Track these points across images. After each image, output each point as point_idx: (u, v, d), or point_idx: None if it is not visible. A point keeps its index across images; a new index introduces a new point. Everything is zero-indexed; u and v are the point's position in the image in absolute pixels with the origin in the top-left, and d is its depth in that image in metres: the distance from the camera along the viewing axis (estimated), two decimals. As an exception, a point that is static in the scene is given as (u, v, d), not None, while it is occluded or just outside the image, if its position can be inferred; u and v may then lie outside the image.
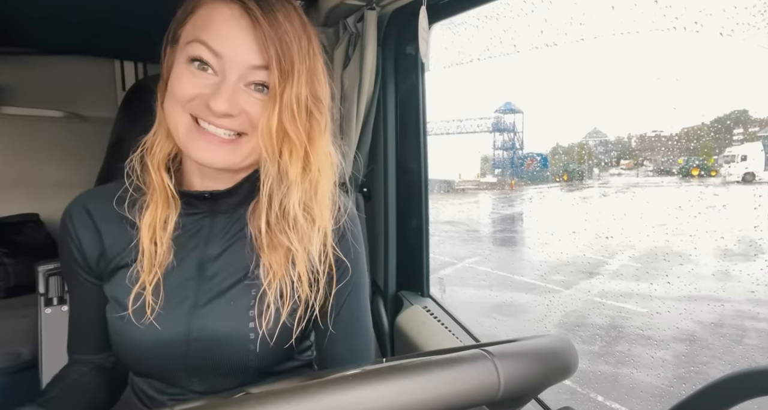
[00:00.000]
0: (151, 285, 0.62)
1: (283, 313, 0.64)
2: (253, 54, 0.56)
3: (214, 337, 0.63)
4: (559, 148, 6.51)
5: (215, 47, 0.56)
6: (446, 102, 6.46)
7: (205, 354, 0.63)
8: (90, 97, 1.63)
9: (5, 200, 1.56)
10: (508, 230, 6.31)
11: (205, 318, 0.64)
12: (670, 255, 3.13)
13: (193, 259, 0.66)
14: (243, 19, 0.56)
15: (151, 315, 0.62)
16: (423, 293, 1.27)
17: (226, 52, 0.56)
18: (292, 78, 0.57)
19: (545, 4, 1.29)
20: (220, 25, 0.56)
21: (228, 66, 0.56)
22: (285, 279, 0.63)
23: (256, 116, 0.58)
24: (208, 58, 0.57)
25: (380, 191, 1.25)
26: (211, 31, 0.56)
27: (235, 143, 0.59)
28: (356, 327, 0.73)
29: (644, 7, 1.39)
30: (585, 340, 2.86)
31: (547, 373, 0.40)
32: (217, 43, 0.56)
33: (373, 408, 0.32)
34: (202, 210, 0.67)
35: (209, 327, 0.63)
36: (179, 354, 0.63)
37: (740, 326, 2.53)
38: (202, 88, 0.57)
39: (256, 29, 0.56)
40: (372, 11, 1.09)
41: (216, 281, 0.65)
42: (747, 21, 1.23)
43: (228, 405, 0.30)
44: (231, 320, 0.64)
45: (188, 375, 0.65)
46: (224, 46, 0.56)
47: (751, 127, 3.48)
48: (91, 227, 0.67)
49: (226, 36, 0.56)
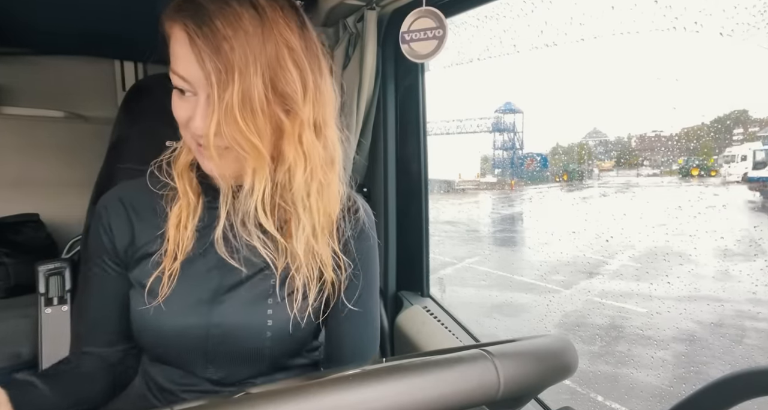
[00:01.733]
0: (171, 270, 0.65)
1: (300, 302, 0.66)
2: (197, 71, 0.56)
3: (233, 325, 0.66)
4: (559, 148, 6.51)
5: (178, 71, 0.58)
6: (446, 102, 6.46)
7: (223, 340, 0.66)
8: (90, 97, 1.63)
9: (5, 200, 1.55)
10: (508, 230, 6.32)
11: (225, 307, 0.66)
12: (670, 255, 3.13)
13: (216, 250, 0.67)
14: (184, 38, 0.56)
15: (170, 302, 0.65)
16: (423, 293, 1.27)
17: (188, 74, 0.57)
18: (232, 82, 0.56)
19: (545, 4, 1.29)
20: (173, 49, 0.58)
21: (196, 87, 0.58)
22: (305, 268, 0.66)
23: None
24: (180, 85, 0.59)
25: (380, 191, 1.25)
26: (174, 58, 0.58)
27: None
28: (367, 321, 0.75)
29: (644, 7, 1.39)
30: (585, 340, 2.86)
31: (547, 373, 0.40)
32: (176, 66, 0.58)
33: (373, 408, 0.32)
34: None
35: (229, 314, 0.66)
36: (199, 340, 0.66)
37: (740, 326, 2.53)
38: (188, 111, 0.60)
39: (193, 45, 0.55)
40: (372, 11, 1.09)
41: (237, 271, 0.67)
42: (747, 21, 1.23)
43: (228, 405, 0.30)
44: (249, 308, 0.67)
45: (205, 362, 0.67)
46: (181, 68, 0.57)
47: (751, 127, 3.48)
48: (124, 215, 0.70)
49: (179, 58, 0.57)
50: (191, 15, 0.56)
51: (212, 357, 0.67)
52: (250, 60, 0.56)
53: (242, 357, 0.67)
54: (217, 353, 0.67)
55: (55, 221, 1.60)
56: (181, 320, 0.65)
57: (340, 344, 0.75)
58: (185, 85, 0.58)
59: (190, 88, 0.58)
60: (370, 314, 0.75)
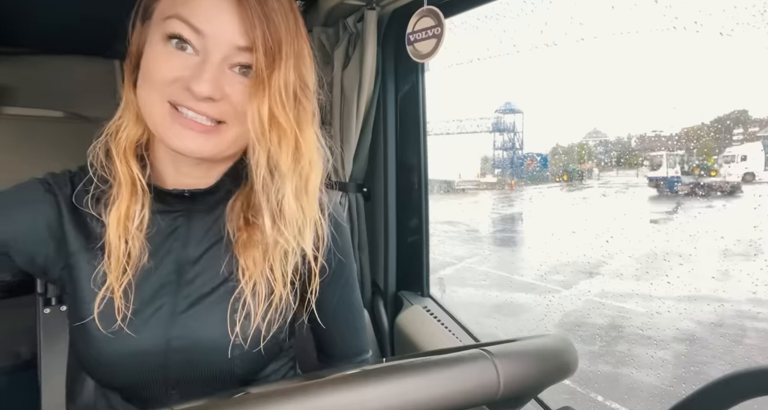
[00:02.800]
0: (121, 288, 0.56)
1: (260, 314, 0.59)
2: (238, 33, 0.51)
3: (195, 345, 0.58)
4: (559, 148, 6.51)
5: (196, 24, 0.50)
6: (446, 102, 6.46)
7: (186, 364, 0.59)
8: (90, 97, 1.63)
9: (5, 200, 1.55)
10: (508, 230, 6.32)
11: (185, 326, 0.59)
12: (670, 255, 3.13)
13: (171, 262, 0.60)
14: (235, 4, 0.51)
15: (122, 322, 0.56)
16: (423, 293, 1.27)
17: (209, 29, 0.51)
18: (279, 61, 0.52)
19: (545, 4, 1.29)
20: (201, 1, 0.51)
21: (211, 45, 0.51)
22: (261, 279, 0.59)
23: (239, 103, 0.53)
24: (188, 36, 0.51)
25: (380, 191, 1.25)
26: (192, 5, 0.51)
27: (215, 131, 0.54)
28: (354, 315, 0.72)
29: (644, 7, 1.39)
30: (585, 340, 2.87)
31: (547, 373, 0.40)
32: (198, 19, 0.50)
33: (373, 408, 0.32)
34: (177, 209, 0.61)
35: (190, 334, 0.58)
36: (158, 364, 0.58)
37: (740, 326, 2.54)
38: (183, 71, 0.51)
39: (242, 5, 0.50)
40: (372, 11, 1.09)
41: (195, 285, 0.60)
42: (747, 21, 1.23)
43: (228, 405, 0.30)
44: (213, 326, 0.59)
45: (166, 388, 0.60)
46: (207, 23, 0.50)
47: (751, 127, 3.48)
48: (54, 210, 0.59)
49: (209, 12, 0.50)
50: None
51: (174, 382, 0.60)
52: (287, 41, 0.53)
53: (208, 378, 0.60)
54: (180, 377, 0.59)
55: (54, 221, 1.61)
56: (136, 342, 0.57)
57: (328, 338, 0.71)
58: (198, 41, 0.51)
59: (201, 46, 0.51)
60: (351, 306, 0.72)
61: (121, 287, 0.56)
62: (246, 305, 0.58)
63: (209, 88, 0.50)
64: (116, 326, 0.56)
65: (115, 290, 0.55)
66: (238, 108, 0.53)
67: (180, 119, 0.52)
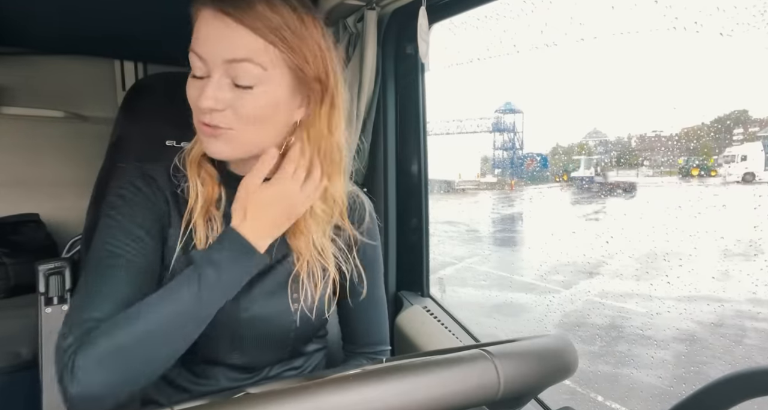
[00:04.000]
0: None
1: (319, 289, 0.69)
2: (226, 49, 0.57)
3: (262, 308, 0.68)
4: (559, 148, 6.51)
5: (198, 51, 0.59)
6: (446, 102, 6.46)
7: (252, 324, 0.67)
8: (90, 97, 1.63)
9: (5, 200, 1.55)
10: (508, 230, 6.32)
11: (253, 294, 0.68)
12: (670, 255, 3.14)
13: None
14: (217, 17, 0.57)
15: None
16: (423, 293, 1.27)
17: (204, 52, 0.58)
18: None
19: (545, 4, 1.29)
20: (200, 30, 0.59)
21: (210, 65, 0.59)
22: (313, 261, 0.69)
23: (243, 110, 0.60)
24: (197, 65, 0.60)
25: (380, 191, 1.25)
26: (196, 36, 0.59)
27: (225, 135, 0.61)
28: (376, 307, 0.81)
29: (644, 7, 1.39)
30: (585, 340, 2.87)
31: (547, 373, 0.40)
32: (198, 46, 0.59)
33: (373, 408, 0.32)
34: None
35: (259, 298, 0.68)
36: (229, 326, 0.66)
37: (740, 326, 2.54)
38: (198, 92, 0.60)
39: (228, 25, 0.57)
40: (372, 11, 1.09)
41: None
42: (747, 21, 1.23)
43: (228, 405, 0.30)
44: (276, 295, 0.69)
45: (232, 348, 0.69)
46: (203, 47, 0.58)
47: (751, 127, 3.49)
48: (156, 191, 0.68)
49: (204, 37, 0.58)
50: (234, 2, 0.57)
51: (239, 344, 0.69)
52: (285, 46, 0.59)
53: (269, 342, 0.70)
54: (245, 338, 0.68)
55: (55, 220, 1.60)
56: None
57: (353, 326, 0.80)
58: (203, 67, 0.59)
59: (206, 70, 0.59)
60: (377, 298, 0.81)
61: None
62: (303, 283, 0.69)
63: (209, 102, 0.58)
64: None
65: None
66: (242, 115, 0.60)
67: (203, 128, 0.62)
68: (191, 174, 0.68)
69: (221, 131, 0.61)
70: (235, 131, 0.61)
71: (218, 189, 0.69)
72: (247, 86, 0.59)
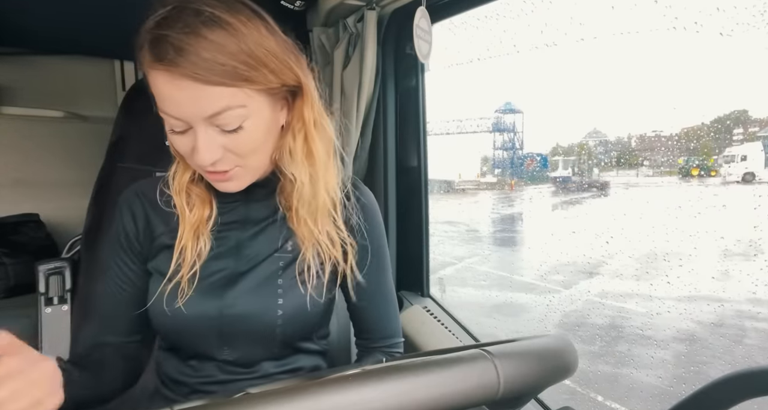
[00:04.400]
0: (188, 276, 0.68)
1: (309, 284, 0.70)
2: (200, 108, 0.57)
3: (245, 305, 0.69)
4: (559, 148, 6.50)
5: (172, 113, 0.58)
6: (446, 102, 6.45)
7: (237, 321, 0.69)
8: (90, 97, 1.63)
9: (5, 200, 1.55)
10: (508, 230, 6.31)
11: (239, 289, 0.70)
12: (670, 255, 3.14)
13: (232, 238, 0.72)
14: (173, 80, 0.55)
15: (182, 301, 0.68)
16: (423, 293, 1.27)
17: (181, 113, 0.58)
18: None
19: (545, 4, 1.29)
20: (163, 93, 0.57)
21: (192, 122, 0.59)
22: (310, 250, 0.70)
23: (240, 150, 0.61)
24: (175, 125, 0.60)
25: (380, 191, 1.25)
26: (162, 100, 0.58)
27: (237, 174, 0.64)
28: (384, 298, 0.80)
29: (644, 7, 1.39)
30: (585, 340, 2.86)
31: (547, 373, 0.40)
32: (170, 109, 0.58)
33: (373, 408, 0.32)
34: (236, 199, 0.73)
35: (242, 296, 0.69)
36: (214, 322, 0.69)
37: (740, 326, 2.54)
38: (187, 148, 0.61)
39: (186, 86, 0.55)
40: (372, 11, 1.09)
41: (250, 257, 0.71)
42: (747, 21, 1.23)
43: (228, 405, 0.30)
44: (261, 290, 0.70)
45: (221, 344, 0.70)
46: (176, 109, 0.58)
47: (751, 127, 3.49)
48: (140, 208, 0.74)
49: (170, 101, 0.57)
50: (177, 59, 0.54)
51: (227, 339, 0.70)
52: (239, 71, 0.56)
53: (255, 337, 0.70)
54: (232, 334, 0.69)
55: (55, 220, 1.60)
56: (197, 305, 0.68)
57: (365, 321, 0.80)
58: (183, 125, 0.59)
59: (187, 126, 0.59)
60: (386, 290, 0.80)
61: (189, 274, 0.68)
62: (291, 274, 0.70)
63: (207, 158, 0.60)
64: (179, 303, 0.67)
65: (184, 277, 0.68)
66: (241, 153, 0.62)
67: (209, 175, 0.65)
68: (178, 202, 0.70)
69: (229, 174, 0.63)
70: (242, 166, 0.64)
71: (209, 209, 0.72)
72: (236, 129, 0.59)
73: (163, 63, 0.55)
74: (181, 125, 0.59)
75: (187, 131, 0.60)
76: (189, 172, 0.71)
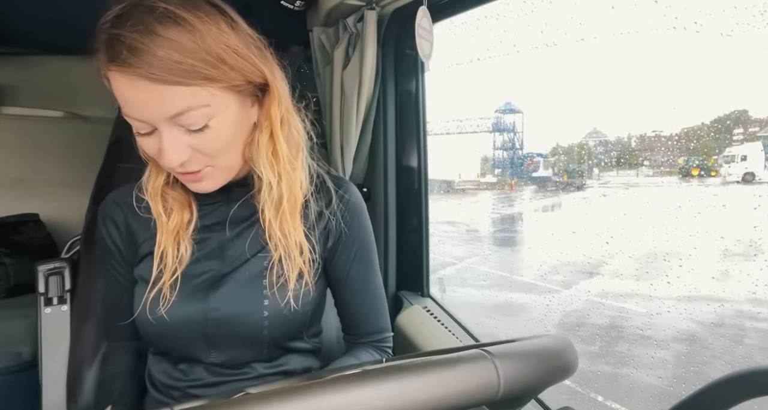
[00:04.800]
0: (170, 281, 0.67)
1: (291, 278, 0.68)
2: (161, 108, 0.55)
3: (230, 308, 0.68)
4: (559, 148, 6.50)
5: (134, 116, 0.57)
6: (446, 102, 6.45)
7: (223, 324, 0.68)
8: (90, 97, 1.63)
9: (5, 200, 1.55)
10: (508, 230, 6.32)
11: (223, 291, 0.69)
12: (670, 255, 3.14)
13: (214, 240, 0.71)
14: (130, 81, 0.54)
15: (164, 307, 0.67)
16: (423, 293, 1.27)
17: (144, 115, 0.56)
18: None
19: (545, 4, 1.29)
20: (122, 95, 0.56)
21: (156, 123, 0.57)
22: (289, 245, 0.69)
23: (209, 150, 0.60)
24: (140, 127, 0.58)
25: (380, 191, 1.25)
26: (123, 102, 0.57)
27: (209, 173, 0.63)
28: (370, 293, 0.78)
29: (644, 7, 1.39)
30: (585, 340, 2.86)
31: (547, 373, 0.40)
32: (133, 112, 0.57)
33: (373, 408, 0.32)
34: (218, 200, 0.72)
35: (226, 298, 0.68)
36: (200, 325, 0.68)
37: (740, 326, 2.54)
38: (153, 149, 0.60)
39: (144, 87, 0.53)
40: (372, 11, 1.09)
41: (233, 258, 0.70)
42: (747, 21, 1.23)
43: (228, 405, 0.30)
44: (245, 292, 0.69)
45: (207, 347, 0.69)
46: (139, 112, 0.56)
47: (751, 127, 3.48)
48: (121, 216, 0.73)
49: (132, 103, 0.56)
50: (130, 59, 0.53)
51: (213, 341, 0.69)
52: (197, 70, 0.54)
53: (241, 339, 0.69)
54: (218, 336, 0.68)
55: (54, 220, 1.60)
56: (181, 309, 0.67)
57: (351, 317, 0.79)
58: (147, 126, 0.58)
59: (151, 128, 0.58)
60: (373, 286, 0.78)
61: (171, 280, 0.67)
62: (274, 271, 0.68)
63: (174, 159, 0.58)
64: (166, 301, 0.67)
65: (166, 283, 0.67)
66: (209, 153, 0.60)
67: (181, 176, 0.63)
68: (154, 207, 0.69)
69: (201, 174, 0.62)
70: (212, 166, 0.62)
71: (188, 212, 0.70)
72: (202, 128, 0.58)
73: (117, 63, 0.53)
74: (146, 127, 0.58)
75: (152, 132, 0.58)
76: (162, 175, 0.70)
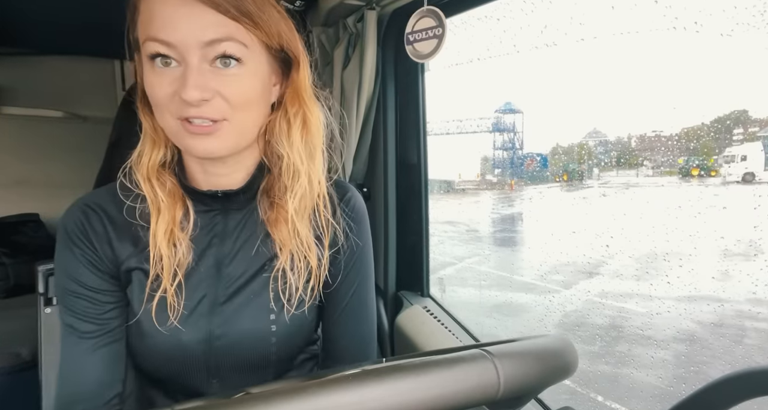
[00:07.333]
0: (173, 287, 0.61)
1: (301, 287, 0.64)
2: (201, 30, 0.53)
3: (236, 333, 0.63)
4: (559, 148, 6.50)
5: (165, 38, 0.53)
6: (446, 102, 6.46)
7: (228, 351, 0.63)
8: (90, 97, 1.64)
9: (5, 200, 1.56)
10: (508, 230, 6.31)
11: (226, 316, 0.63)
12: (670, 255, 3.14)
13: (210, 257, 0.65)
14: None
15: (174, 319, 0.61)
16: (423, 293, 1.27)
17: (177, 38, 0.53)
18: (254, 41, 0.56)
19: (545, 4, 1.29)
20: (160, 14, 0.53)
21: (185, 51, 0.53)
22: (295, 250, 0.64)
23: (232, 96, 0.55)
24: (165, 51, 0.53)
25: (380, 191, 1.25)
26: (156, 23, 0.53)
27: (219, 129, 0.56)
28: (365, 316, 0.73)
29: (644, 7, 1.39)
30: (585, 340, 2.86)
31: (547, 373, 0.40)
32: (165, 33, 0.53)
33: (373, 408, 0.32)
34: (214, 208, 0.66)
35: (231, 323, 0.63)
36: (200, 353, 0.63)
37: (740, 326, 2.54)
38: (173, 84, 0.54)
39: (193, 5, 0.52)
40: (372, 11, 1.09)
41: (233, 277, 0.65)
42: (747, 21, 1.23)
43: (228, 405, 0.30)
44: (252, 314, 0.64)
45: (208, 376, 0.65)
46: (172, 33, 0.52)
47: (751, 127, 3.48)
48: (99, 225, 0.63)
49: (169, 22, 0.52)
50: None
51: (215, 371, 0.64)
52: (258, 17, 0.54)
53: (247, 366, 0.65)
54: (221, 365, 0.64)
55: (55, 221, 1.60)
56: (181, 336, 0.61)
57: (338, 340, 0.73)
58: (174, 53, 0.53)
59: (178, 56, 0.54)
60: (367, 308, 0.73)
61: (174, 287, 0.61)
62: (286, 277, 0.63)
63: (196, 92, 0.53)
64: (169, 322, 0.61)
65: (168, 290, 0.60)
66: (232, 100, 0.55)
67: (189, 127, 0.56)
68: (148, 190, 0.61)
69: (213, 127, 0.55)
70: (228, 121, 0.56)
71: (182, 206, 0.63)
72: (232, 67, 0.54)
73: None
74: (171, 52, 0.53)
75: (173, 65, 0.54)
76: (160, 151, 0.63)
